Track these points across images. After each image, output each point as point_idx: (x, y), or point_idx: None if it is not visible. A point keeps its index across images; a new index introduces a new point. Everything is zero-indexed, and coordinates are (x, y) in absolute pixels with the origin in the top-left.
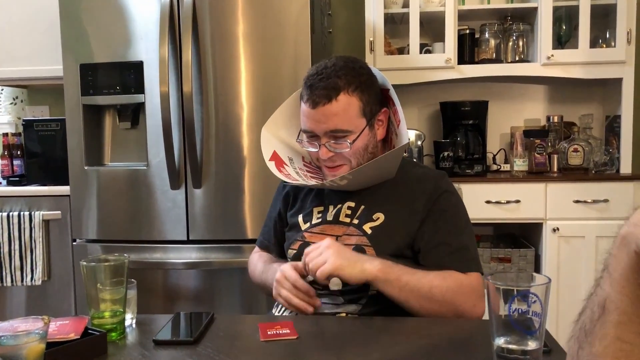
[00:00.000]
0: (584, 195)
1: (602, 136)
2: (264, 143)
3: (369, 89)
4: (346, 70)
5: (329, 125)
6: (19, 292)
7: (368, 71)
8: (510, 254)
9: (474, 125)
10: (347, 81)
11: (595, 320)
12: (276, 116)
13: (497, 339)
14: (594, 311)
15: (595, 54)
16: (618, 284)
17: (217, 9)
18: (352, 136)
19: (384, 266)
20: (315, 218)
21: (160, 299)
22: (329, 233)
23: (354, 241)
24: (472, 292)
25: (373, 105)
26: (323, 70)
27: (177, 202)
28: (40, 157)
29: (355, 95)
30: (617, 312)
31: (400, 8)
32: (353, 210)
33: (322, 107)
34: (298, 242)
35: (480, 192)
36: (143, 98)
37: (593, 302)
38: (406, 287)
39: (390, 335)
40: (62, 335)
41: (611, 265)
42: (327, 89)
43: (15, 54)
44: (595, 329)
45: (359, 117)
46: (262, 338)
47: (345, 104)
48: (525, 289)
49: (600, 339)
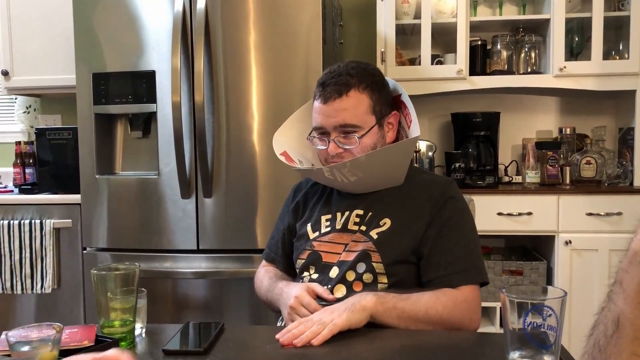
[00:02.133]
0: (597, 208)
1: (615, 148)
2: (275, 144)
3: (380, 89)
4: (358, 70)
5: (338, 119)
6: (28, 300)
7: (380, 74)
8: (522, 266)
9: (486, 136)
10: (358, 79)
11: (610, 337)
12: (286, 126)
13: (511, 353)
14: (607, 327)
15: (608, 66)
16: (632, 300)
17: (229, 19)
18: (360, 131)
19: (378, 297)
20: (324, 227)
21: (170, 308)
22: (338, 242)
23: (360, 247)
24: (468, 307)
25: (383, 106)
26: (335, 69)
27: (187, 212)
28: (52, 166)
29: (366, 92)
30: (632, 329)
31: (411, 19)
32: (361, 217)
33: (333, 102)
34: (307, 251)
35: (491, 204)
36: (155, 107)
37: (606, 317)
38: (403, 314)
39: (391, 342)
40: (76, 343)
41: (624, 280)
42: (338, 85)
43: (29, 63)
44: (609, 346)
45: (368, 114)
46: None
47: (356, 100)
48: (541, 302)
49: (615, 354)
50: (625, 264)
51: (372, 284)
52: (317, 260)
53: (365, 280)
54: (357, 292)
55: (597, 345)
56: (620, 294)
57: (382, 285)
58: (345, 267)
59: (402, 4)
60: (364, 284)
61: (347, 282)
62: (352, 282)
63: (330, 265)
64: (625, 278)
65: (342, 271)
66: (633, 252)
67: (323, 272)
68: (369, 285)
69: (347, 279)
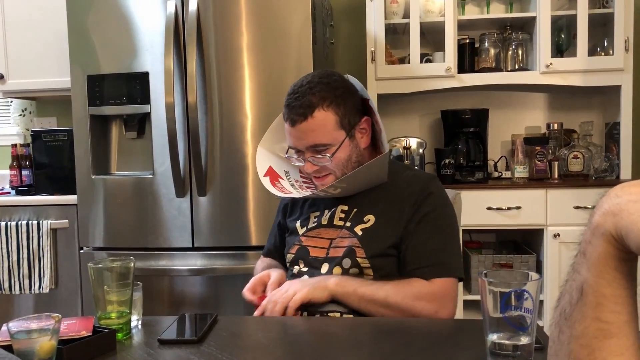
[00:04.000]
0: (585, 201)
1: (602, 143)
2: (260, 160)
3: (344, 101)
4: (320, 87)
5: (308, 141)
6: (27, 300)
7: (343, 84)
8: (512, 260)
9: (475, 133)
10: (321, 97)
11: (574, 304)
12: (269, 133)
13: (490, 335)
14: (572, 295)
15: (593, 62)
16: (595, 268)
17: (221, 20)
18: (332, 149)
19: (340, 280)
20: (312, 222)
21: (166, 305)
22: (324, 236)
23: (346, 243)
24: (434, 299)
25: (351, 116)
26: (299, 89)
27: (182, 210)
28: (48, 167)
29: (330, 109)
30: (594, 295)
31: (400, 19)
32: (346, 213)
33: (300, 125)
34: (295, 246)
35: (481, 199)
36: (149, 108)
37: (571, 287)
38: (363, 298)
39: (389, 334)
40: (74, 333)
41: (587, 251)
42: (302, 107)
43: (24, 67)
44: (574, 312)
45: (336, 130)
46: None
47: (321, 119)
48: (518, 286)
49: (579, 321)
50: (589, 236)
51: (359, 277)
52: (305, 254)
53: (352, 274)
54: None
55: (563, 314)
56: (583, 264)
57: (368, 278)
58: (334, 263)
59: (390, 4)
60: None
61: None
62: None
63: (319, 260)
64: (588, 249)
65: (331, 267)
66: (595, 224)
67: (312, 266)
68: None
69: (335, 274)
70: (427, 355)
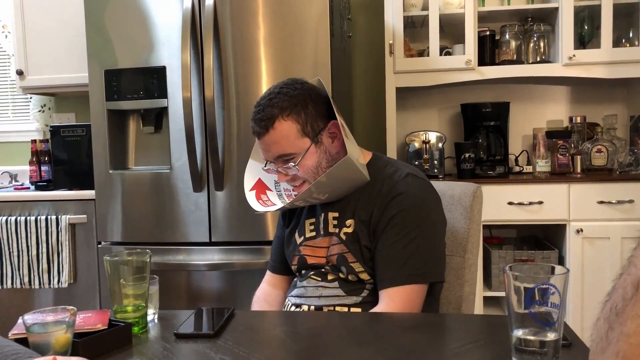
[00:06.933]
0: (608, 196)
1: (626, 136)
2: (248, 173)
3: (305, 109)
4: (279, 97)
5: (273, 152)
6: (46, 295)
7: (305, 91)
8: (534, 255)
9: (496, 126)
10: (280, 107)
11: (629, 299)
12: (257, 145)
13: (515, 331)
14: (626, 290)
15: (618, 54)
16: None
17: (237, 14)
18: (297, 157)
19: None
20: (308, 231)
21: (183, 300)
22: (320, 245)
23: (336, 250)
24: (395, 309)
25: (315, 122)
26: (260, 102)
27: (199, 205)
28: (67, 163)
29: (290, 119)
30: None
31: (419, 11)
32: (338, 219)
33: (264, 138)
34: (296, 257)
35: (502, 194)
36: (166, 102)
37: (625, 281)
38: None
39: (409, 329)
40: (90, 326)
41: None
42: (263, 120)
43: (43, 63)
44: (627, 309)
45: (299, 139)
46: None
47: (283, 129)
48: (544, 280)
49: (632, 318)
50: None
51: (358, 282)
52: (304, 264)
53: (351, 279)
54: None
55: (614, 309)
56: None
57: (368, 283)
58: (336, 271)
59: None
60: (352, 282)
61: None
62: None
63: (320, 269)
64: None
65: (336, 274)
66: None
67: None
68: (355, 283)
69: (341, 277)
70: (449, 351)
